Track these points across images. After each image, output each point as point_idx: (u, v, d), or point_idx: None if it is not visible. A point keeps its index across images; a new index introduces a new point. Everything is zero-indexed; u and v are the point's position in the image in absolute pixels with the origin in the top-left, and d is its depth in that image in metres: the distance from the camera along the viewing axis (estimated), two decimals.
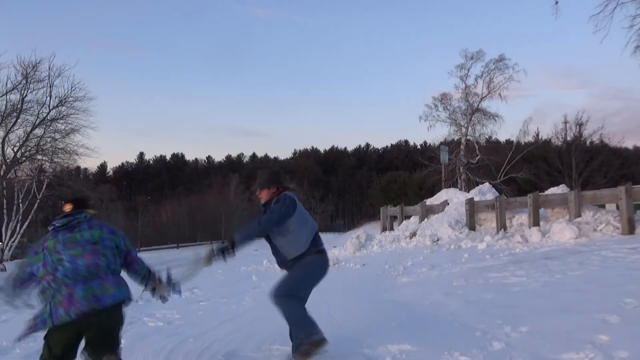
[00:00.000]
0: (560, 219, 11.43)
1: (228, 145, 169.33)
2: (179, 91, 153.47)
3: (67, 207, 3.16)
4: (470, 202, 14.24)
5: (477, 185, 19.89)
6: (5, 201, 23.02)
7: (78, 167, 43.43)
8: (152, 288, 3.43)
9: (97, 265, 2.99)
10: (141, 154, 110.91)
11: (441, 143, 28.80)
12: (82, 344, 3.00)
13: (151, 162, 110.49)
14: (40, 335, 2.96)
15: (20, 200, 23.42)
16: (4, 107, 19.76)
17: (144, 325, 5.59)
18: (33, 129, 20.37)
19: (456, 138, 29.14)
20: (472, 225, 13.99)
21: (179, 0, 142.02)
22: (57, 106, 20.63)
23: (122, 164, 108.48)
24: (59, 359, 2.92)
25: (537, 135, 35.06)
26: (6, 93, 19.58)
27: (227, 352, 4.15)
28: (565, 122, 32.00)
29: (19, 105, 19.76)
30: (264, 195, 3.82)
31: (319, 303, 6.37)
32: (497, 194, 16.15)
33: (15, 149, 20.39)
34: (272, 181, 3.84)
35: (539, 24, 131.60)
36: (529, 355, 3.49)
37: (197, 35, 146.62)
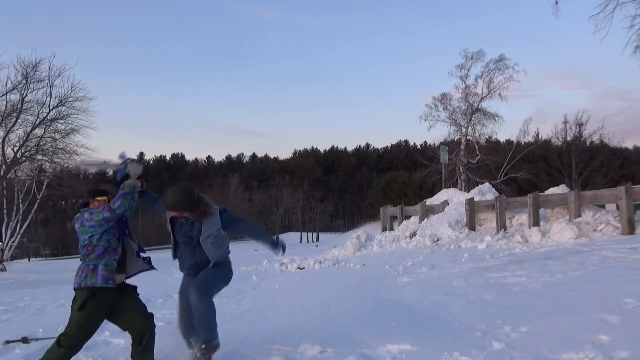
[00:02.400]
0: (560, 219, 11.43)
1: (228, 145, 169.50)
2: (179, 91, 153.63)
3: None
4: (470, 202, 14.24)
5: (477, 185, 19.89)
6: (5, 201, 23.02)
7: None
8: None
9: None
10: (141, 154, 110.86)
11: (441, 143, 28.80)
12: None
13: (151, 162, 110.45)
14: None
15: (20, 200, 23.42)
16: (4, 107, 19.75)
17: None
18: (33, 129, 20.36)
19: (456, 138, 29.14)
20: (472, 225, 14.00)
21: (179, 0, 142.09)
22: (57, 106, 20.61)
23: None
24: None
25: (537, 135, 35.09)
26: (6, 93, 19.57)
27: (227, 352, 4.14)
28: (565, 122, 32.04)
29: (19, 105, 19.74)
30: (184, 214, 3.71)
31: (319, 303, 6.38)
32: (497, 194, 16.15)
33: (15, 149, 20.36)
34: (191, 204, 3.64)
35: (539, 24, 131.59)
36: (529, 355, 3.49)
37: (197, 35, 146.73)
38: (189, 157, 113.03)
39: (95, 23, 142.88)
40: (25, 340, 4.72)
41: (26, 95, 19.91)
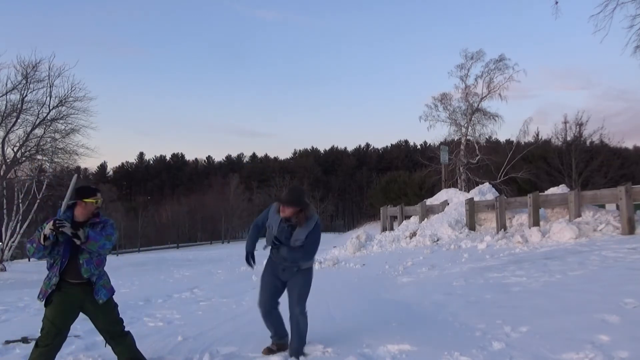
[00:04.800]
0: (560, 219, 11.42)
1: (228, 145, 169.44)
2: (179, 91, 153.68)
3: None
4: (470, 202, 14.24)
5: (477, 185, 19.87)
6: (5, 201, 22.99)
7: (78, 167, 43.37)
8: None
9: None
10: (141, 154, 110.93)
11: (441, 143, 28.77)
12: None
13: (151, 162, 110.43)
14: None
15: (20, 200, 23.39)
16: (4, 107, 19.70)
17: (144, 325, 5.58)
18: (33, 129, 20.31)
19: (456, 138, 29.10)
20: (472, 225, 13.99)
21: (180, 1, 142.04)
22: (57, 106, 20.55)
23: (122, 164, 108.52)
24: None
25: (537, 135, 35.06)
26: (6, 93, 19.52)
27: (227, 352, 4.14)
28: (565, 122, 32.01)
29: (19, 105, 19.71)
30: (288, 212, 3.86)
31: (319, 303, 6.38)
32: (497, 194, 16.14)
33: (15, 149, 20.32)
34: (301, 202, 3.89)
35: (541, 25, 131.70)
36: (529, 355, 3.49)
37: (197, 35, 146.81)
38: (189, 157, 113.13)
39: (95, 23, 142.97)
40: (25, 340, 4.72)
41: (26, 95, 19.89)
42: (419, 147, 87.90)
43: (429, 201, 17.95)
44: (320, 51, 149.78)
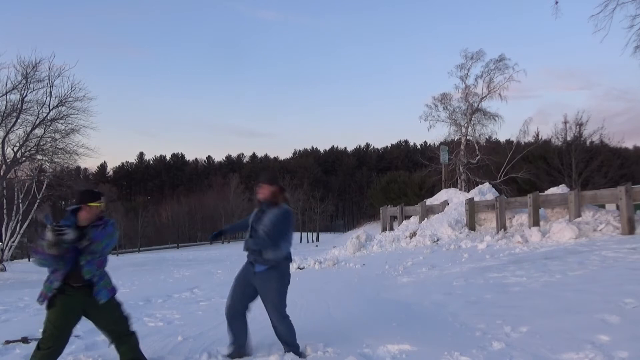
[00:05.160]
0: (560, 219, 11.42)
1: (228, 145, 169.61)
2: (179, 91, 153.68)
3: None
4: (470, 202, 14.24)
5: (477, 185, 19.86)
6: (5, 201, 22.99)
7: (78, 167, 43.39)
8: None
9: None
10: (141, 154, 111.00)
11: (441, 143, 28.75)
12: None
13: (151, 162, 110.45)
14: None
15: (20, 200, 23.39)
16: (4, 107, 19.72)
17: (144, 325, 5.58)
18: (33, 129, 20.33)
19: (456, 138, 29.08)
20: (472, 225, 13.99)
21: (180, 0, 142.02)
22: (57, 106, 20.57)
23: (122, 164, 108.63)
24: None
25: (537, 135, 35.05)
26: (6, 93, 19.54)
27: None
28: (565, 122, 32.00)
29: (19, 105, 19.71)
30: (264, 192, 3.89)
31: (319, 303, 6.38)
32: (497, 194, 16.14)
33: (15, 149, 20.34)
34: (274, 180, 3.96)
35: (541, 25, 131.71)
36: (529, 355, 3.49)
37: (197, 36, 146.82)
38: (189, 157, 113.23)
39: (95, 23, 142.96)
40: (25, 340, 4.72)
41: (26, 95, 19.91)
42: (419, 147, 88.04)
43: (429, 201, 17.94)
44: (320, 51, 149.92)
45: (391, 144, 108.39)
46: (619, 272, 6.14)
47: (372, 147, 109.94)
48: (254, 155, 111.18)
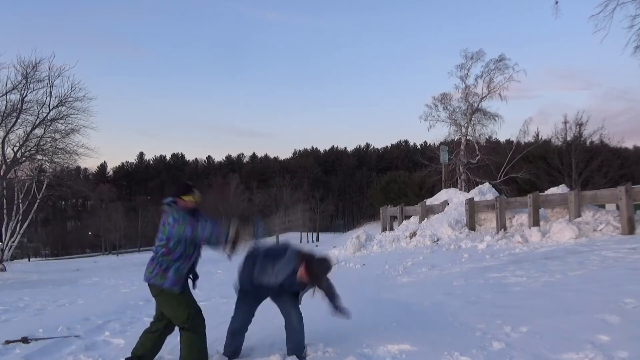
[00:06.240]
0: (560, 219, 11.42)
1: (228, 145, 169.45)
2: (179, 91, 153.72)
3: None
4: (470, 202, 14.24)
5: (477, 185, 19.86)
6: (5, 201, 22.98)
7: (78, 167, 43.38)
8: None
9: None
10: (141, 154, 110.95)
11: (441, 143, 28.75)
12: None
13: (151, 162, 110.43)
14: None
15: (20, 200, 23.38)
16: (4, 107, 19.69)
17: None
18: (33, 129, 20.30)
19: (456, 138, 29.07)
20: (472, 225, 13.99)
21: (180, 0, 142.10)
22: (57, 106, 20.55)
23: (122, 164, 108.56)
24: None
25: (537, 135, 35.03)
26: (6, 93, 19.51)
27: None
28: (565, 122, 31.99)
29: (19, 105, 19.69)
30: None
31: (319, 303, 6.38)
32: (497, 194, 16.14)
33: (15, 149, 20.31)
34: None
35: (541, 25, 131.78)
36: (529, 355, 3.49)
37: (197, 35, 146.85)
38: (189, 157, 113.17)
39: (95, 23, 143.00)
40: (25, 340, 4.72)
41: (26, 95, 19.88)
42: (419, 147, 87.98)
43: (429, 201, 17.94)
44: (320, 51, 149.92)
45: (391, 144, 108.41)
46: (619, 272, 6.14)
47: (372, 147, 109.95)
48: (254, 155, 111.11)
